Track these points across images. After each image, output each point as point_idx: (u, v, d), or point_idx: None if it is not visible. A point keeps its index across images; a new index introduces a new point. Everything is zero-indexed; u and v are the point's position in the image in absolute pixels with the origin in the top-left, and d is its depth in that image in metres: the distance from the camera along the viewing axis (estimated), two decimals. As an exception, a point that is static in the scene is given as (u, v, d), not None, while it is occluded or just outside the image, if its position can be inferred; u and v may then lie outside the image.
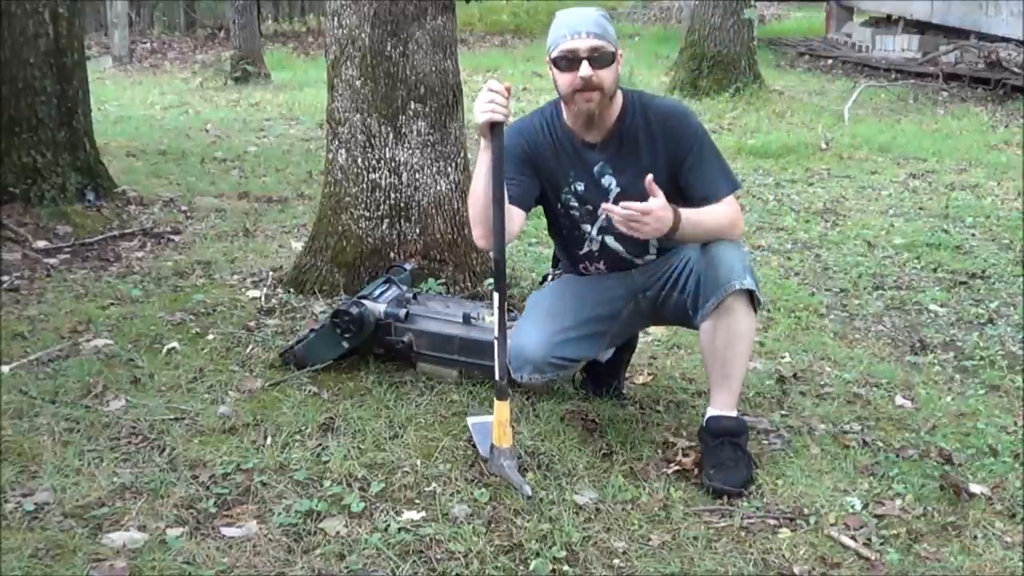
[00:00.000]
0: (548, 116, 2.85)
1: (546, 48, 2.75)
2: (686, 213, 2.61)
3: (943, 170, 7.00)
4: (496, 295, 2.67)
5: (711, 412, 2.75)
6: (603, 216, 2.81)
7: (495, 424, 2.63)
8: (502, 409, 2.62)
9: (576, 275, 2.98)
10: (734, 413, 2.74)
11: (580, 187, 2.82)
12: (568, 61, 2.66)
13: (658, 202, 2.53)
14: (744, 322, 2.66)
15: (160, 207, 5.54)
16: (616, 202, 2.78)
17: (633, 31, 16.18)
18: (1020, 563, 2.34)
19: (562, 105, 2.80)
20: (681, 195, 2.72)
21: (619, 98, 2.77)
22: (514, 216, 2.74)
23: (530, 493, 2.55)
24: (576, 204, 2.84)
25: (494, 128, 2.62)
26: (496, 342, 2.66)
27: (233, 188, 6.15)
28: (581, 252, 2.91)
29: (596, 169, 2.80)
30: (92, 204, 5.13)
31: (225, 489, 2.54)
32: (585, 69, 2.63)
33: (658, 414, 3.08)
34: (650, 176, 2.55)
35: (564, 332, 2.79)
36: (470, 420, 2.81)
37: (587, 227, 2.86)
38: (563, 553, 2.30)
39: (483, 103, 2.63)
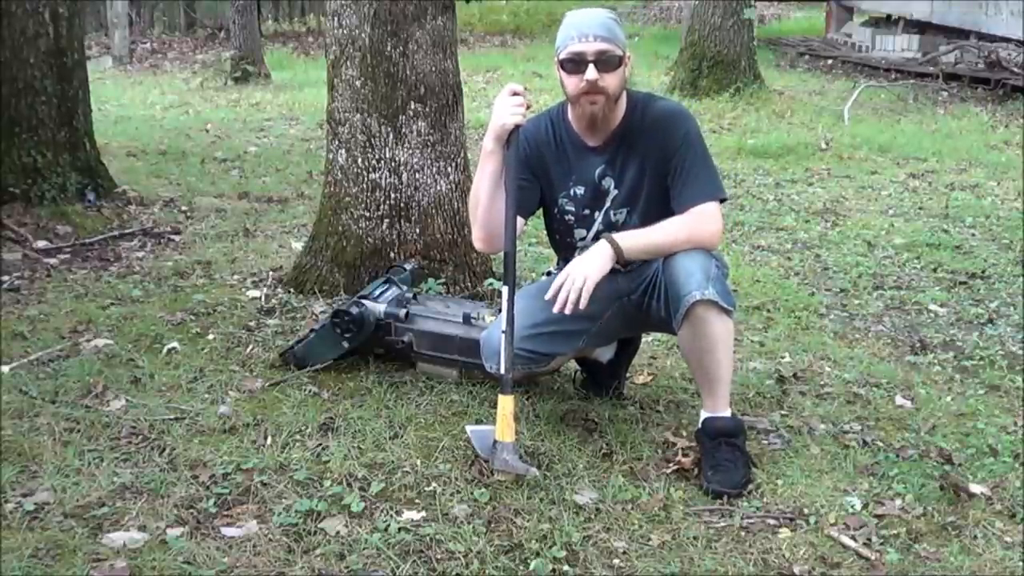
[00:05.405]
0: (555, 118, 2.86)
1: (554, 49, 2.75)
2: (625, 238, 2.63)
3: (943, 170, 7.00)
4: (505, 289, 2.68)
5: (705, 414, 2.75)
6: (600, 220, 2.81)
7: (498, 418, 2.62)
8: (506, 403, 2.62)
9: None
10: (727, 413, 2.73)
11: (580, 191, 2.82)
12: (575, 63, 2.66)
13: (569, 267, 2.62)
14: (717, 327, 2.62)
15: (160, 207, 5.54)
16: (614, 204, 2.79)
17: (633, 31, 16.14)
18: (1020, 563, 2.34)
19: (568, 107, 2.80)
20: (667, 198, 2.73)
21: (624, 100, 2.77)
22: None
23: (536, 474, 2.57)
24: (572, 209, 2.84)
25: (512, 130, 2.66)
26: (503, 336, 2.66)
27: (233, 188, 6.14)
28: (571, 259, 2.92)
29: (598, 172, 2.80)
30: (92, 204, 5.13)
31: (225, 489, 2.55)
32: (591, 72, 2.63)
33: (658, 414, 3.08)
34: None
35: (536, 327, 2.79)
36: (469, 428, 2.81)
37: (581, 232, 2.86)
38: (563, 553, 2.30)
39: (512, 106, 2.65)
